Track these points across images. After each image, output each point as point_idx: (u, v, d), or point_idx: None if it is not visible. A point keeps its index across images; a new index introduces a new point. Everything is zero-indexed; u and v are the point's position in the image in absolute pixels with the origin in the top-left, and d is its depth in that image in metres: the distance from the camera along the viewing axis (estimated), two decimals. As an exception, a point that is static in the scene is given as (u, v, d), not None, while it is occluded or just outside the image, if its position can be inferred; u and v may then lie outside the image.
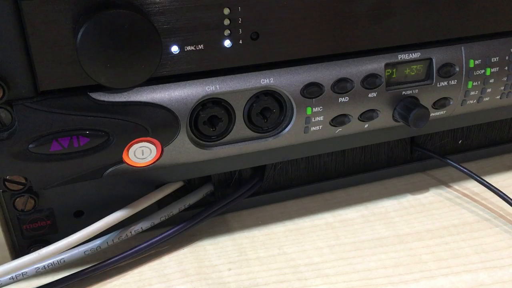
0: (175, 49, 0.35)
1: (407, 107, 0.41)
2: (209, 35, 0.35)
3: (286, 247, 0.41)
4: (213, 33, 0.35)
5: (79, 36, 0.31)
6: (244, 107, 0.38)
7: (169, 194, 0.41)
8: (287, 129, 0.40)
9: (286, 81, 0.38)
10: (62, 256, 0.37)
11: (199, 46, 0.35)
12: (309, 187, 0.47)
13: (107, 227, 0.37)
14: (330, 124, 0.41)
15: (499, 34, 0.43)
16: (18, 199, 0.37)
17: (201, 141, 0.38)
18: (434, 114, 0.44)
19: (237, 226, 0.44)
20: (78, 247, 0.38)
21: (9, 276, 0.36)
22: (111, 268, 0.39)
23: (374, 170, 0.49)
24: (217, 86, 0.37)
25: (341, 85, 0.39)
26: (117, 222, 0.38)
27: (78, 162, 0.35)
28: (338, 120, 0.40)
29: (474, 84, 0.43)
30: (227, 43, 0.36)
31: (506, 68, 0.43)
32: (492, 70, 0.43)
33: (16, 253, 0.40)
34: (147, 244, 0.39)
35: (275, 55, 0.38)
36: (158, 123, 0.36)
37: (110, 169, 0.37)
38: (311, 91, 0.39)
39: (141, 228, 0.40)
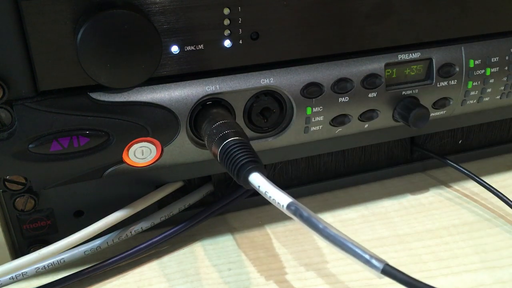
0: (175, 49, 0.35)
1: (407, 107, 0.41)
2: (209, 35, 0.35)
3: (286, 247, 0.41)
4: (213, 33, 0.35)
5: (79, 36, 0.31)
6: (244, 107, 0.38)
7: (169, 194, 0.41)
8: (287, 129, 0.40)
9: (286, 81, 0.38)
10: (62, 256, 0.37)
11: (199, 46, 0.35)
12: (309, 187, 0.47)
13: (107, 227, 0.37)
14: (330, 124, 0.41)
15: (499, 34, 0.43)
16: (18, 199, 0.37)
17: (201, 141, 0.38)
18: (434, 114, 0.44)
19: (237, 226, 0.44)
20: (78, 247, 0.38)
21: (9, 276, 0.36)
22: (111, 268, 0.39)
23: (374, 170, 0.49)
24: (217, 86, 0.37)
25: (341, 85, 0.39)
26: (117, 222, 0.38)
27: (78, 162, 0.35)
28: (338, 120, 0.41)
29: (474, 84, 0.43)
30: (227, 43, 0.36)
31: (506, 68, 0.43)
32: (492, 70, 0.43)
33: (16, 253, 0.40)
34: (147, 244, 0.39)
35: (275, 55, 0.38)
36: (158, 123, 0.36)
37: (110, 169, 0.37)
38: (311, 91, 0.39)
39: (141, 228, 0.40)
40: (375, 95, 0.41)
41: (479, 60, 0.43)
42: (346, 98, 0.40)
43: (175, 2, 0.33)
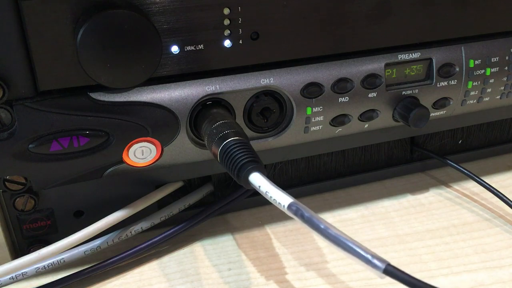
0: (175, 49, 0.35)
1: (407, 107, 0.41)
2: (209, 35, 0.35)
3: (286, 247, 0.41)
4: (213, 33, 0.35)
5: (79, 36, 0.31)
6: (244, 107, 0.38)
7: (169, 194, 0.41)
8: (287, 129, 0.40)
9: (286, 81, 0.38)
10: (62, 256, 0.37)
11: (199, 46, 0.35)
12: (309, 187, 0.47)
13: (107, 227, 0.37)
14: (330, 124, 0.41)
15: (499, 34, 0.43)
16: (18, 199, 0.37)
17: (201, 141, 0.38)
18: (434, 114, 0.44)
19: (237, 226, 0.44)
20: (78, 247, 0.38)
21: (9, 276, 0.36)
22: (111, 268, 0.39)
23: (374, 170, 0.49)
24: (217, 86, 0.37)
25: (341, 85, 0.39)
26: (117, 222, 0.38)
27: (78, 162, 0.35)
28: (338, 120, 0.41)
29: (474, 84, 0.43)
30: (227, 43, 0.36)
31: (506, 68, 0.43)
32: (492, 70, 0.43)
33: (16, 253, 0.40)
34: (147, 244, 0.39)
35: (275, 55, 0.38)
36: (158, 123, 0.36)
37: (110, 169, 0.37)
38: (311, 91, 0.39)
39: (141, 228, 0.40)
40: (375, 95, 0.41)
41: (479, 60, 0.43)
42: (346, 98, 0.40)
43: (175, 2, 0.33)
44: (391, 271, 0.26)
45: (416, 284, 0.26)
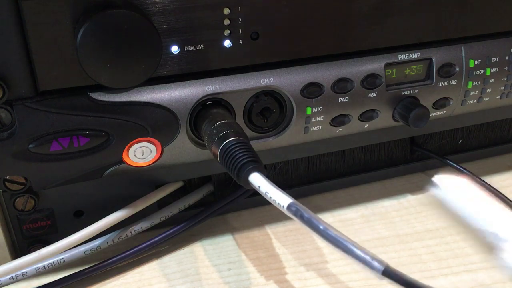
0: (175, 49, 0.35)
1: (407, 107, 0.41)
2: (209, 35, 0.35)
3: (286, 247, 0.41)
4: (213, 33, 0.35)
5: (79, 36, 0.31)
6: (244, 107, 0.38)
7: (169, 194, 0.41)
8: (287, 129, 0.40)
9: (286, 81, 0.38)
10: (62, 256, 0.37)
11: (199, 46, 0.35)
12: (309, 187, 0.47)
13: (107, 227, 0.37)
14: (330, 124, 0.41)
15: (499, 34, 0.43)
16: (18, 199, 0.37)
17: (201, 141, 0.38)
18: (434, 114, 0.44)
19: (237, 226, 0.44)
20: (78, 247, 0.38)
21: (9, 276, 0.36)
22: (111, 268, 0.39)
23: (374, 170, 0.49)
24: (217, 86, 0.37)
25: (341, 85, 0.39)
26: (117, 222, 0.38)
27: (78, 162, 0.35)
28: (338, 120, 0.41)
29: (474, 84, 0.43)
30: (227, 43, 0.36)
31: (506, 68, 0.43)
32: (492, 70, 0.43)
33: (16, 253, 0.40)
34: (147, 244, 0.39)
35: (275, 55, 0.38)
36: (158, 123, 0.36)
37: (110, 169, 0.37)
38: (311, 91, 0.39)
39: (141, 228, 0.40)
40: (375, 95, 0.41)
41: (479, 60, 0.43)
42: (346, 98, 0.40)
43: (175, 2, 0.33)
44: (389, 273, 0.26)
45: (415, 286, 0.26)
